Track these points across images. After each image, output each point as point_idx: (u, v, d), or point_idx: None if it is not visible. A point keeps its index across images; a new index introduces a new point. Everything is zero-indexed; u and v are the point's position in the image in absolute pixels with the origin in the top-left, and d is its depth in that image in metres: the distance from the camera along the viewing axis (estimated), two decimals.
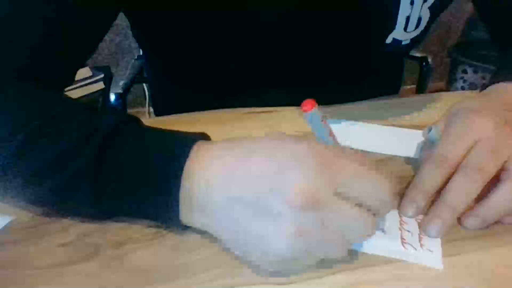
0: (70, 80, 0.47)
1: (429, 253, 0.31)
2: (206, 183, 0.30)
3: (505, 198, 0.33)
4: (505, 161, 0.34)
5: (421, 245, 0.32)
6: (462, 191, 0.34)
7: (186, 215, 0.31)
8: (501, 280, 0.30)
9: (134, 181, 0.31)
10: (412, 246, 0.32)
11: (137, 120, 0.36)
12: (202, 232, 0.32)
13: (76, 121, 0.34)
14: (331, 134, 0.31)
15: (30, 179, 0.33)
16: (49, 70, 0.42)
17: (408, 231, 0.33)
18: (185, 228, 0.33)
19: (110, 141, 0.32)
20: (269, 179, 0.28)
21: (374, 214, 0.29)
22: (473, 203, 0.34)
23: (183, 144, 0.32)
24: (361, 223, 0.28)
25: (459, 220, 0.34)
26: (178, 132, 0.34)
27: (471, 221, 0.34)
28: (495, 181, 0.34)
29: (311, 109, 0.29)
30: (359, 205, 0.28)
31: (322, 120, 0.30)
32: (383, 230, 0.33)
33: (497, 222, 0.34)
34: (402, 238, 0.33)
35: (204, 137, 0.34)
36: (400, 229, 0.34)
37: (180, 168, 0.30)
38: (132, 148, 0.32)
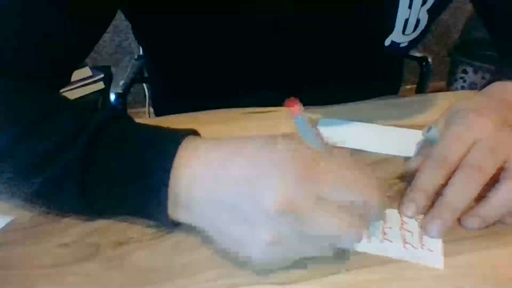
0: (67, 80, 0.47)
1: (429, 253, 0.31)
2: (190, 181, 0.30)
3: (505, 197, 0.33)
4: (504, 161, 0.34)
5: (422, 245, 0.32)
6: (461, 190, 0.34)
7: (173, 211, 0.31)
8: (501, 280, 0.30)
9: (122, 178, 0.31)
10: (413, 246, 0.32)
11: (127, 117, 0.36)
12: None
13: (66, 119, 0.34)
14: (320, 136, 0.31)
15: (19, 174, 0.33)
16: (45, 70, 0.42)
17: (409, 231, 0.33)
18: (174, 225, 0.33)
19: (98, 138, 0.32)
20: (247, 184, 0.28)
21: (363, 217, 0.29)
22: (472, 203, 0.34)
23: (171, 141, 0.32)
24: (344, 231, 0.28)
25: (459, 220, 0.34)
26: (167, 128, 0.34)
27: (471, 221, 0.34)
28: (494, 181, 0.34)
29: (297, 112, 0.29)
30: (346, 209, 0.28)
31: (308, 122, 0.30)
32: (384, 231, 0.33)
33: (496, 222, 0.34)
34: (403, 238, 0.33)
35: (193, 133, 0.34)
36: (401, 229, 0.34)
37: (169, 165, 0.30)
38: (120, 144, 0.32)
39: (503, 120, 0.36)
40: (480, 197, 0.34)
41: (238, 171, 0.29)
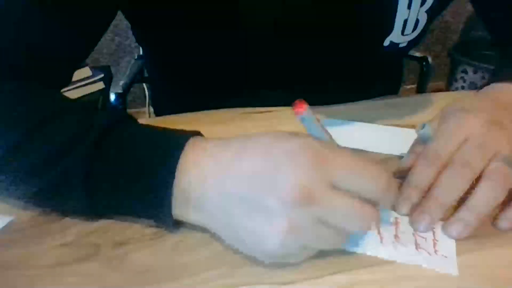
0: (67, 81, 0.48)
1: (444, 259, 0.31)
2: (201, 180, 0.30)
3: (484, 198, 0.33)
4: (490, 160, 0.34)
5: (436, 251, 0.32)
6: (449, 186, 0.34)
7: (181, 212, 0.31)
8: (501, 280, 0.30)
9: (126, 179, 0.31)
10: (427, 252, 0.32)
11: (132, 119, 0.36)
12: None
13: (71, 119, 0.34)
14: (326, 133, 0.31)
15: (24, 175, 0.33)
16: (46, 70, 0.42)
17: (422, 237, 0.33)
18: (176, 226, 0.33)
19: (103, 139, 0.32)
20: (262, 176, 0.28)
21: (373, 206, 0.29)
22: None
23: (176, 142, 0.32)
24: (357, 215, 0.28)
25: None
26: (172, 130, 0.34)
27: (455, 227, 0.33)
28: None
29: (303, 111, 0.30)
30: (356, 197, 0.28)
31: (315, 120, 0.30)
32: (397, 235, 0.33)
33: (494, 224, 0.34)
34: (416, 244, 0.32)
35: (197, 134, 0.34)
36: (414, 235, 0.33)
37: (174, 166, 0.30)
38: (125, 146, 0.32)
39: (494, 120, 0.37)
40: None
41: (250, 166, 0.29)
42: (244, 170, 0.29)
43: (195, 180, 0.30)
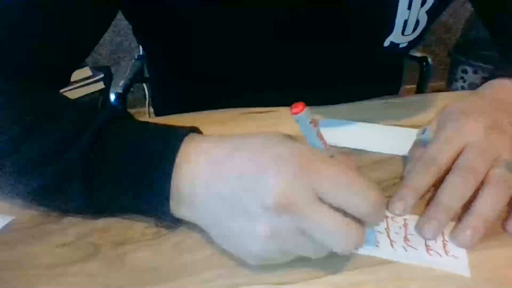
0: (67, 81, 0.48)
1: (455, 260, 0.31)
2: (192, 177, 0.30)
3: (487, 205, 0.33)
4: (491, 165, 0.34)
5: (446, 252, 0.32)
6: (454, 191, 0.34)
7: (175, 208, 0.32)
8: (501, 280, 0.30)
9: (125, 176, 0.32)
10: (437, 253, 0.32)
11: (129, 116, 0.36)
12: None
13: (69, 117, 0.34)
14: (321, 137, 0.31)
15: (24, 173, 0.33)
16: (45, 70, 0.42)
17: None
18: (177, 221, 0.33)
19: (101, 136, 0.32)
20: (247, 179, 0.28)
21: (362, 224, 0.28)
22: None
23: (173, 139, 0.32)
24: (341, 232, 0.27)
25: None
26: (169, 126, 0.34)
27: (463, 235, 0.32)
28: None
29: (300, 112, 0.29)
30: (344, 213, 0.27)
31: (311, 123, 0.30)
32: (407, 237, 0.33)
33: (497, 222, 0.34)
34: (426, 245, 0.32)
35: (195, 130, 0.34)
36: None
37: (171, 163, 0.31)
38: (123, 142, 0.33)
39: (494, 122, 0.37)
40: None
41: (239, 167, 0.29)
42: (232, 170, 0.29)
43: (187, 176, 0.31)
